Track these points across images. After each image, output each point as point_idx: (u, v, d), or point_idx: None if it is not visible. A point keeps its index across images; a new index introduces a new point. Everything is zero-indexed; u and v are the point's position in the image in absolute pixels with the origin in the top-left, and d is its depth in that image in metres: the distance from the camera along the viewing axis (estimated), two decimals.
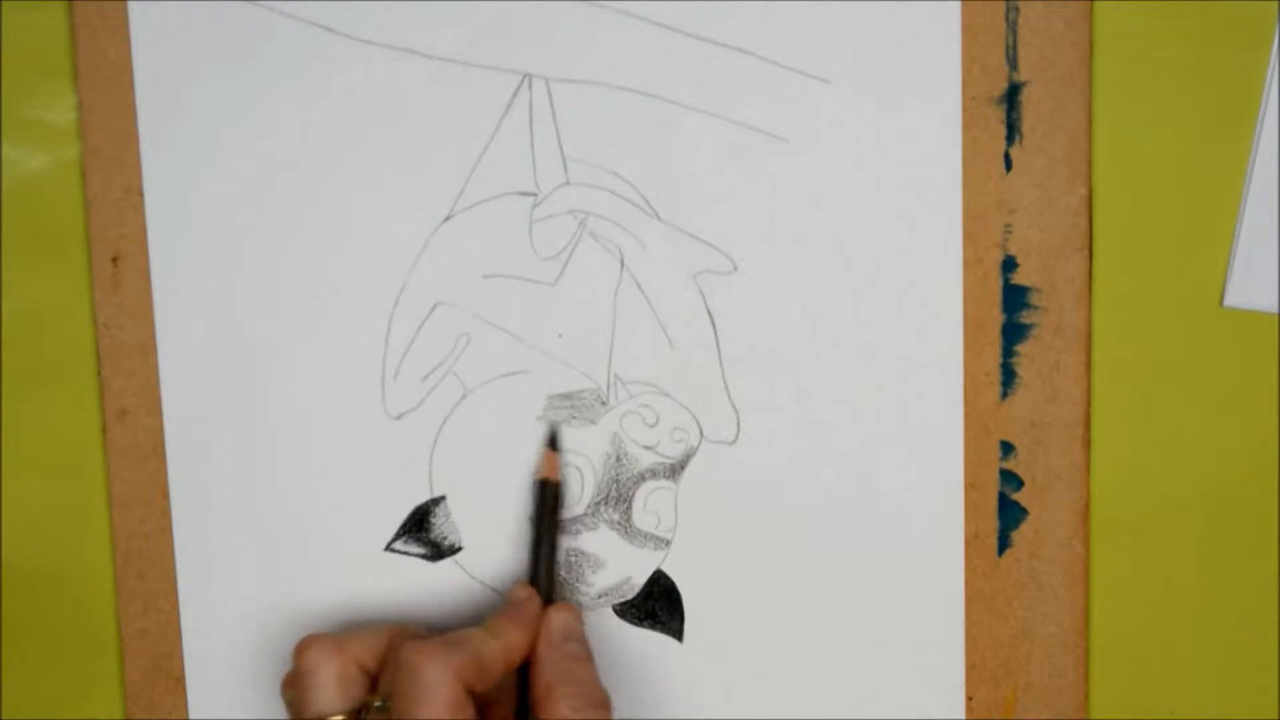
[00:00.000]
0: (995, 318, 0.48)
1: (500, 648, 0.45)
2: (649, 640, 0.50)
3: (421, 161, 0.49)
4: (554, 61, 0.48)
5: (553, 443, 0.49)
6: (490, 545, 0.50)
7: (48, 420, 0.50)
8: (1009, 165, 0.48)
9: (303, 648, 0.45)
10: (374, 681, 0.46)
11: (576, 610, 0.48)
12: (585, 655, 0.47)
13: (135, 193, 0.49)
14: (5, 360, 0.50)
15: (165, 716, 0.51)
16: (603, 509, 0.50)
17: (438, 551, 0.50)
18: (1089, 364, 0.48)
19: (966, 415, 0.49)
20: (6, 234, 0.49)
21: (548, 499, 0.49)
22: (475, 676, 0.44)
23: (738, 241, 0.48)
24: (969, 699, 0.50)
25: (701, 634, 0.50)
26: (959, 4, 0.47)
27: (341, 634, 0.46)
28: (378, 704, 0.44)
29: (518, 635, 0.46)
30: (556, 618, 0.47)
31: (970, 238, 0.48)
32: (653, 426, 0.49)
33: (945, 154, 0.48)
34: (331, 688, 0.45)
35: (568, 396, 0.49)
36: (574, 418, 0.49)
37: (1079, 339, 0.48)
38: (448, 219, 0.49)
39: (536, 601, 0.48)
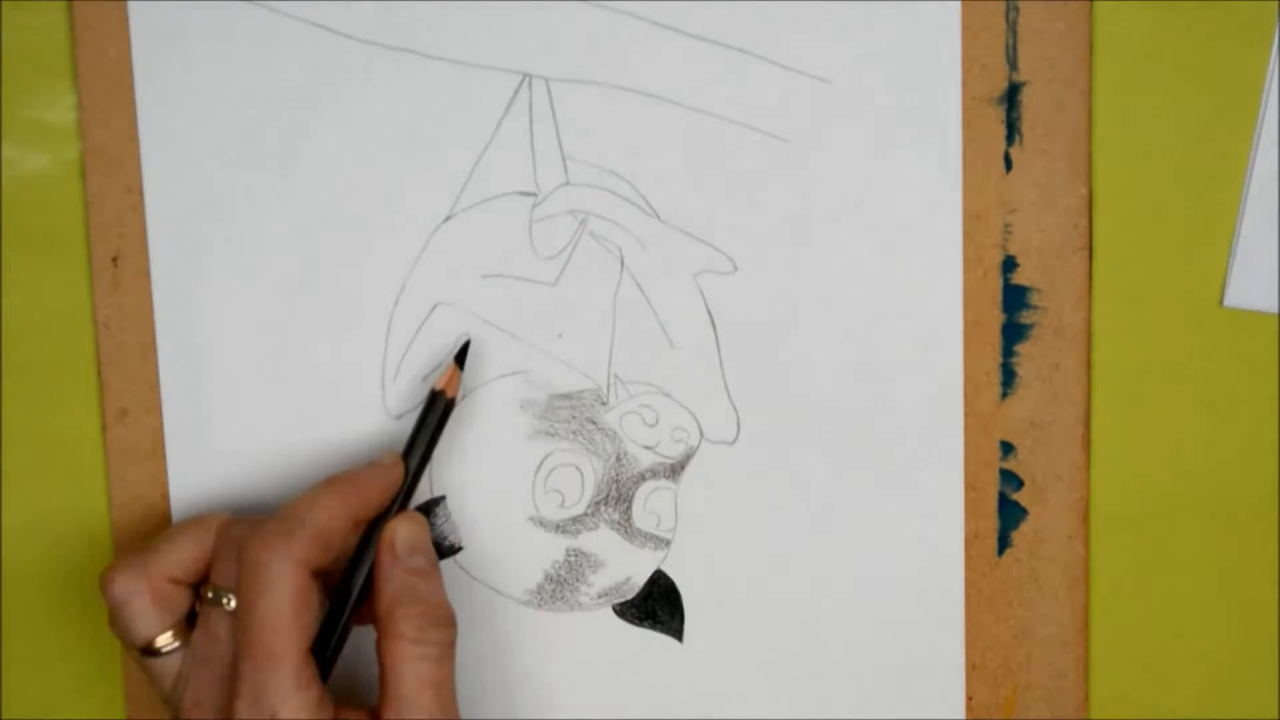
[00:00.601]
0: (995, 318, 0.48)
1: (344, 511, 0.44)
2: (649, 640, 0.50)
3: (421, 161, 0.49)
4: (554, 61, 0.48)
5: (460, 358, 0.48)
6: (490, 545, 0.50)
7: (48, 420, 0.50)
8: (1009, 165, 0.48)
9: (107, 581, 0.45)
10: (194, 589, 0.46)
11: (423, 520, 0.47)
12: (430, 570, 0.46)
13: (135, 193, 0.49)
14: (5, 360, 0.50)
15: (165, 717, 0.51)
16: (603, 509, 0.50)
17: (438, 551, 0.50)
18: (1089, 364, 0.48)
19: (966, 415, 0.49)
20: (6, 234, 0.49)
21: (436, 409, 0.47)
22: (318, 556, 0.43)
23: (738, 241, 0.48)
24: (969, 699, 0.50)
25: (701, 634, 0.50)
26: (959, 4, 0.47)
27: (146, 552, 0.45)
28: (212, 595, 0.44)
29: (364, 496, 0.45)
30: (402, 528, 0.46)
31: (970, 238, 0.48)
32: (653, 426, 0.49)
33: (945, 154, 0.48)
34: (149, 612, 0.45)
35: (568, 396, 0.49)
36: (574, 417, 0.49)
37: (1079, 339, 0.48)
38: (448, 219, 0.49)
39: (399, 470, 0.46)
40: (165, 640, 0.45)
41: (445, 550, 0.50)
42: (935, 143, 0.47)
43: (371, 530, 0.46)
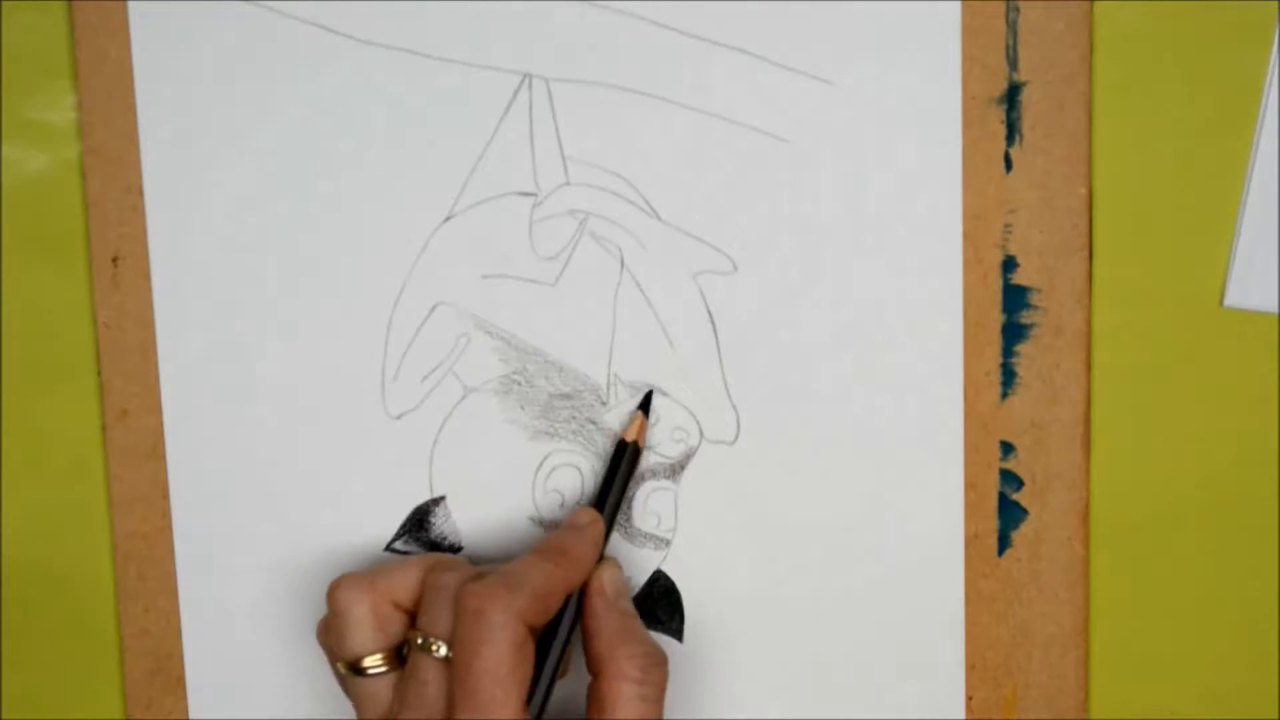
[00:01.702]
0: (995, 318, 0.48)
1: (561, 577, 0.45)
2: None
3: (421, 161, 0.49)
4: (554, 61, 0.48)
5: (645, 406, 0.49)
6: (490, 545, 0.50)
7: (48, 420, 0.50)
8: (1009, 165, 0.48)
9: (334, 589, 0.45)
10: (411, 617, 0.45)
11: (620, 565, 0.47)
12: (636, 612, 0.46)
13: (135, 193, 0.49)
14: (5, 360, 0.50)
15: (165, 716, 0.51)
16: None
17: (438, 551, 0.50)
18: (1089, 364, 0.48)
19: (966, 415, 0.49)
20: (6, 234, 0.49)
21: (626, 458, 0.48)
22: (537, 614, 0.43)
23: (738, 241, 0.48)
24: (969, 699, 0.50)
25: (701, 634, 0.50)
26: (959, 4, 0.47)
27: (372, 570, 0.45)
28: (421, 641, 0.44)
29: (578, 563, 0.45)
30: (609, 572, 0.46)
31: (970, 238, 0.48)
32: (653, 426, 0.49)
33: (945, 154, 0.48)
34: (367, 625, 0.45)
35: (568, 396, 0.49)
36: (574, 418, 0.49)
37: (1079, 339, 0.48)
38: (448, 219, 0.49)
39: (599, 527, 0.47)
40: (375, 661, 0.45)
41: (445, 550, 0.50)
42: (935, 143, 0.47)
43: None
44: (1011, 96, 0.47)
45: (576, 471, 0.50)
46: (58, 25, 0.48)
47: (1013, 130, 0.47)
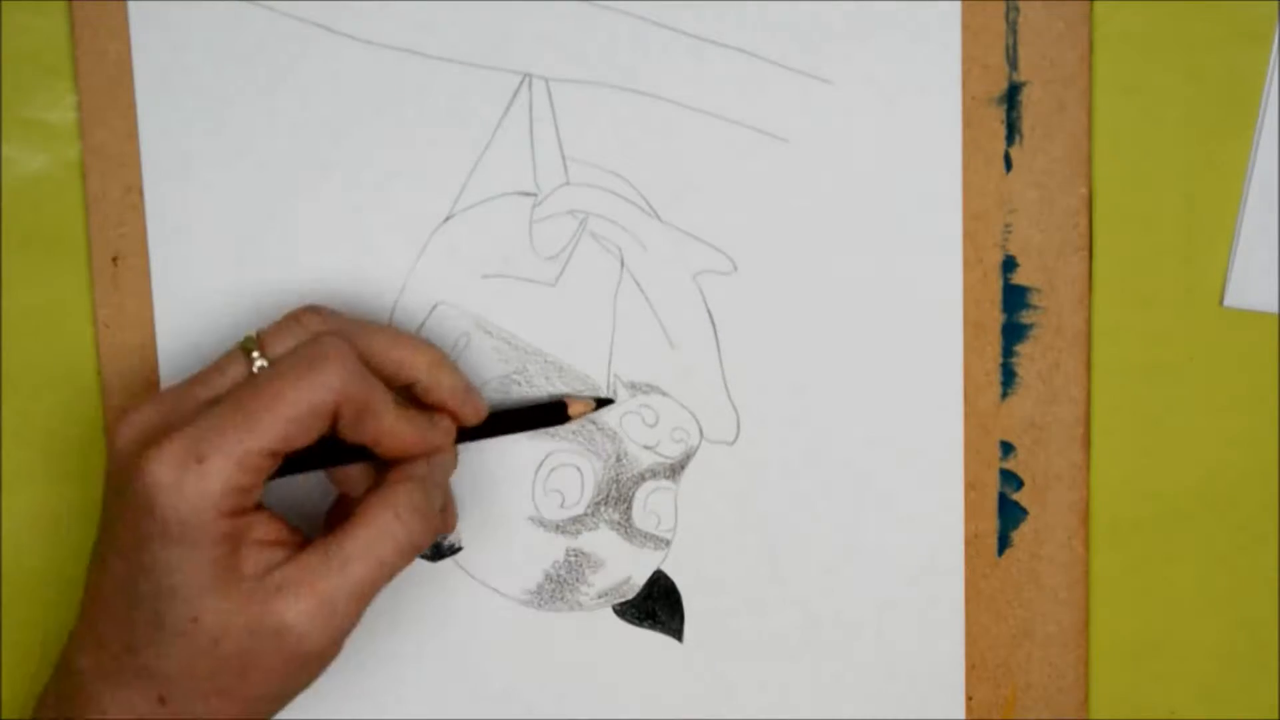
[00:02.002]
0: (995, 318, 0.48)
1: (400, 419, 0.44)
2: (649, 640, 0.50)
3: (421, 161, 0.49)
4: (554, 61, 0.48)
5: (600, 403, 0.49)
6: (490, 545, 0.50)
7: (48, 420, 0.50)
8: (1009, 165, 0.48)
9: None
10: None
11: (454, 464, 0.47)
12: (441, 492, 0.46)
13: (135, 193, 0.49)
14: (5, 360, 0.50)
15: None
16: (603, 509, 0.50)
17: (438, 551, 0.50)
18: (1089, 364, 0.48)
19: (966, 415, 0.49)
20: (6, 234, 0.49)
21: (548, 412, 0.48)
22: (353, 411, 0.42)
23: (738, 241, 0.48)
24: (969, 699, 0.50)
25: (701, 634, 0.50)
26: (959, 4, 0.47)
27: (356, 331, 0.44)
28: (248, 343, 0.44)
29: (424, 437, 0.44)
30: (448, 458, 0.46)
31: (970, 238, 0.48)
32: (653, 426, 0.49)
33: (945, 154, 0.48)
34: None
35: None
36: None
37: (1079, 339, 0.48)
38: (448, 219, 0.49)
39: (451, 429, 0.46)
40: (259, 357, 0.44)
41: (445, 550, 0.50)
42: (935, 143, 0.47)
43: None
44: (1011, 96, 0.47)
45: (576, 471, 0.50)
46: (58, 25, 0.48)
47: (1013, 130, 0.47)
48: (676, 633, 0.50)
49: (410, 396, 0.45)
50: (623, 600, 0.50)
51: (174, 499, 0.41)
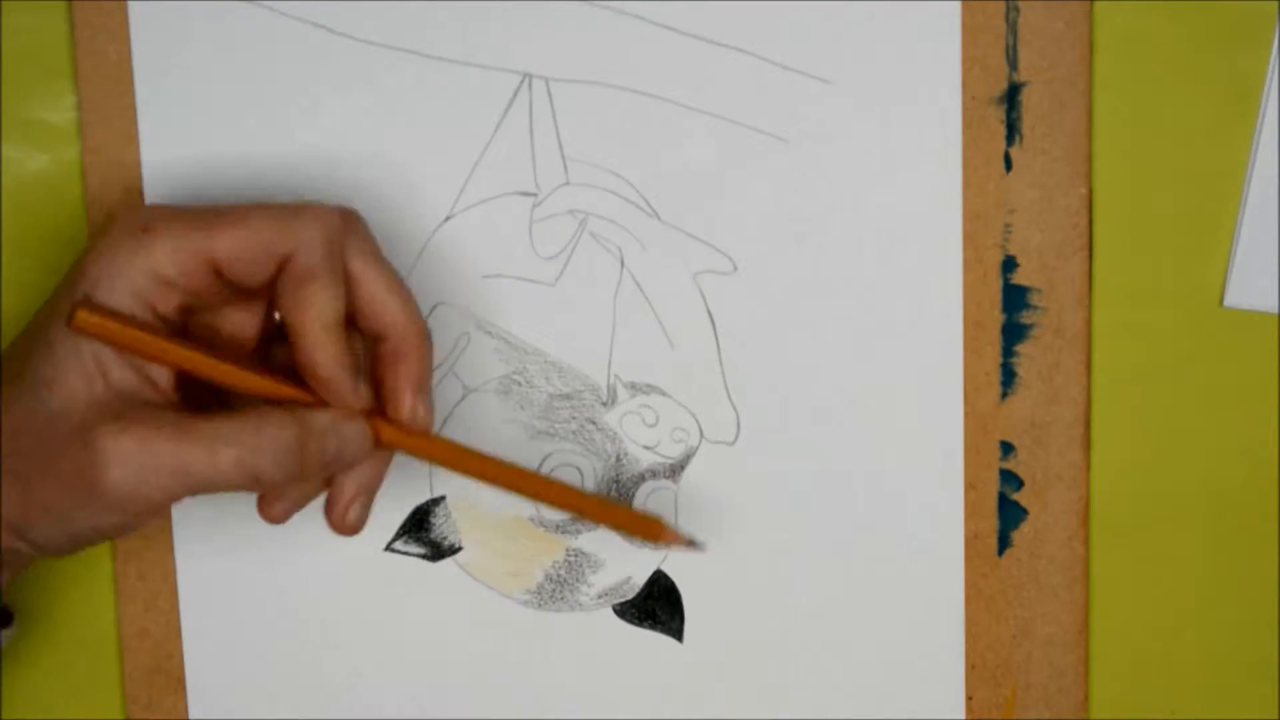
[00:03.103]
0: (995, 318, 0.48)
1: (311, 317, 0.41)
2: (649, 640, 0.50)
3: (421, 161, 0.49)
4: (554, 61, 0.48)
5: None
6: (490, 545, 0.50)
7: None
8: (1009, 165, 0.48)
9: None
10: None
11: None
12: (326, 466, 0.42)
13: (135, 193, 0.49)
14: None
15: (165, 716, 0.51)
16: None
17: (438, 551, 0.50)
18: (1089, 364, 0.48)
19: (966, 415, 0.49)
20: (6, 234, 0.49)
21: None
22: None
23: (738, 241, 0.48)
24: (969, 699, 0.50)
25: (701, 634, 0.50)
26: (959, 4, 0.47)
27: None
28: None
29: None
30: (357, 438, 0.43)
31: (970, 238, 0.48)
32: (653, 426, 0.49)
33: (945, 154, 0.48)
34: None
35: (568, 397, 0.49)
36: (574, 417, 0.49)
37: (1079, 339, 0.48)
38: (448, 219, 0.49)
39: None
40: None
41: (445, 550, 0.50)
42: (935, 143, 0.47)
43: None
44: (1011, 96, 0.47)
45: (576, 471, 0.50)
46: (58, 25, 0.48)
47: (1013, 130, 0.47)
48: (676, 633, 0.50)
49: (370, 361, 0.44)
50: (623, 600, 0.50)
51: (103, 249, 0.41)
